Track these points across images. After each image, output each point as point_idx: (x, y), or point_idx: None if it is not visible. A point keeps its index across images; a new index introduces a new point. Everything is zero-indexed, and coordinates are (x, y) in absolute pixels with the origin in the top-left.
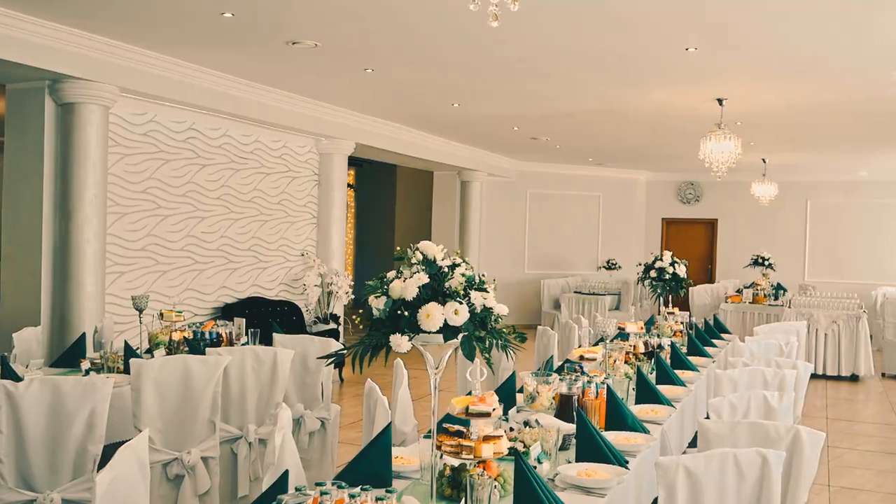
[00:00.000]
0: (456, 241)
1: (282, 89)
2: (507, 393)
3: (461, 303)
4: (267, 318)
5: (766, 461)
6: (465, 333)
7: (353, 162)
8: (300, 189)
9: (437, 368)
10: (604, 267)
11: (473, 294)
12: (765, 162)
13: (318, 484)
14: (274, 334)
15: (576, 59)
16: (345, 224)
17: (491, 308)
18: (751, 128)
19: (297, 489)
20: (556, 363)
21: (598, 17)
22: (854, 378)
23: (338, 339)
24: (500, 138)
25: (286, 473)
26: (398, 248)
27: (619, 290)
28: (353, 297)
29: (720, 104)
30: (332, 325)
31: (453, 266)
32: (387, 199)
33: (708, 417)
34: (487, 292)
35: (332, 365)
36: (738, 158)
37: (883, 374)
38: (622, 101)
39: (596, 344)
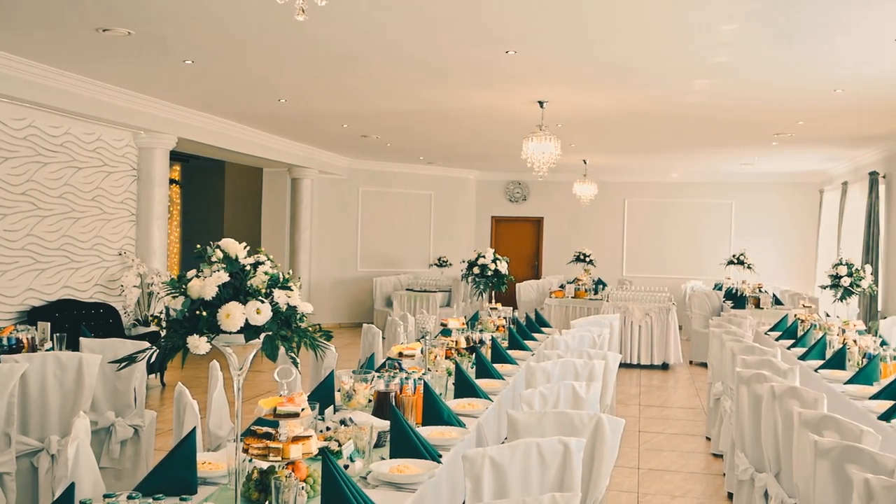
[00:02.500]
0: (287, 239)
1: (94, 78)
2: (326, 392)
3: (263, 301)
4: (80, 321)
5: (568, 448)
6: (269, 333)
7: (179, 157)
8: (117, 185)
9: (240, 370)
10: (435, 264)
11: (277, 293)
12: (585, 163)
13: (106, 496)
14: (81, 338)
15: (399, 59)
16: (166, 222)
17: (296, 307)
18: (571, 130)
19: (81, 503)
20: (381, 360)
21: (418, 17)
22: (665, 366)
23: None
24: (330, 135)
25: (72, 486)
26: (198, 245)
27: (449, 287)
28: None
29: (541, 106)
30: (154, 328)
31: (256, 264)
32: (215, 196)
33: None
34: (292, 290)
35: (147, 369)
36: (559, 159)
37: (690, 362)
38: (447, 102)
39: (419, 340)
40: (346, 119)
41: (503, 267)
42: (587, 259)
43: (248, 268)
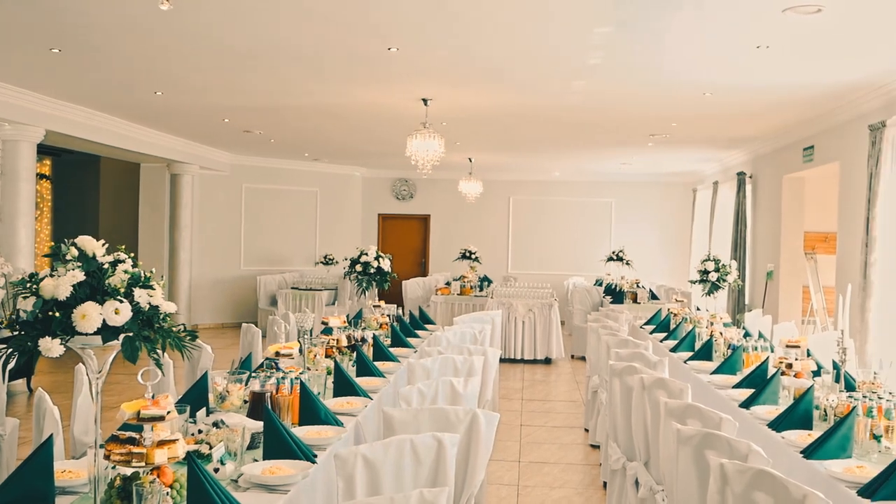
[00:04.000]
0: (166, 237)
1: None
2: (199, 393)
3: (123, 301)
4: None
5: (442, 444)
6: (129, 334)
7: (49, 151)
8: None
9: (99, 372)
10: (321, 262)
11: (138, 292)
12: (471, 161)
13: None
14: None
15: (281, 53)
16: (34, 219)
17: (158, 306)
18: (455, 128)
19: None
20: (261, 360)
21: (299, 10)
22: (548, 361)
23: None
24: (211, 130)
25: None
26: (52, 243)
27: (336, 285)
28: None
29: (425, 104)
30: None
31: (116, 262)
32: (90, 192)
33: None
34: (154, 289)
35: (9, 374)
36: (444, 157)
37: (572, 356)
38: (331, 98)
39: (300, 339)
40: (227, 113)
41: (386, 264)
42: (473, 256)
43: (106, 266)
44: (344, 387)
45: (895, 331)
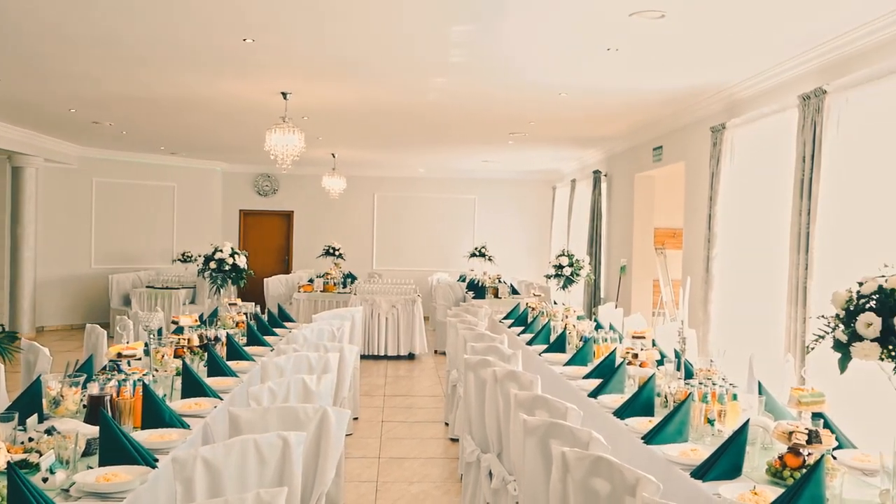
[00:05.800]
0: (6, 234)
1: None
2: (31, 399)
3: None
4: None
5: (287, 443)
6: None
7: None
8: None
9: None
10: (179, 260)
11: None
12: (334, 156)
13: None
14: None
15: (131, 42)
16: None
17: None
18: (317, 123)
19: None
20: (105, 362)
21: None
22: (411, 356)
23: None
24: (56, 120)
25: None
26: None
27: (194, 283)
28: None
29: (285, 98)
30: None
31: None
32: None
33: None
34: None
35: None
36: (305, 152)
37: (435, 351)
38: (189, 89)
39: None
40: (73, 103)
41: (241, 261)
42: (337, 253)
43: None
44: (193, 387)
45: (734, 321)
